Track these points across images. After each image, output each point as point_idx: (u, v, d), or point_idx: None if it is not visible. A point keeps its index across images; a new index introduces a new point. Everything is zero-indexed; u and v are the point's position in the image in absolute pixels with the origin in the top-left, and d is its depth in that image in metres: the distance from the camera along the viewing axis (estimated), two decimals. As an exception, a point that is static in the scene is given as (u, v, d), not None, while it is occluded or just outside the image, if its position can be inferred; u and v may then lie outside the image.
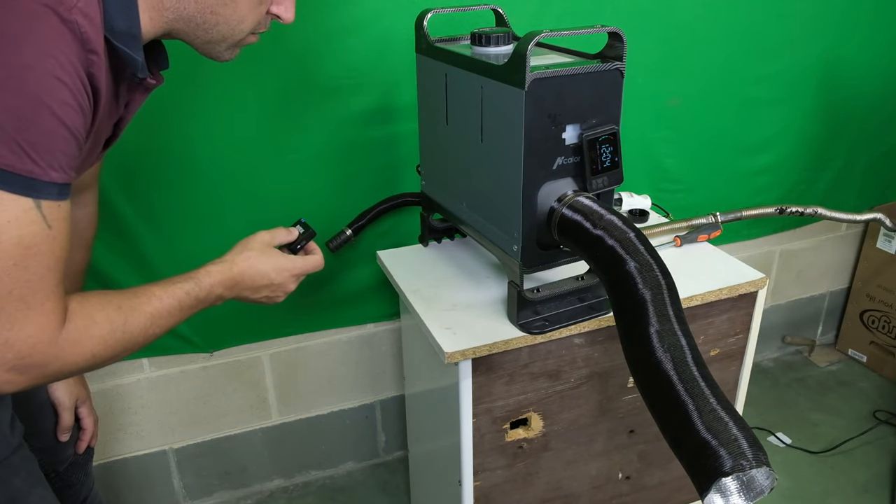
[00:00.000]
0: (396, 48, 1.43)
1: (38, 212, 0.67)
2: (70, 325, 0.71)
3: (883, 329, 2.23)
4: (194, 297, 0.86)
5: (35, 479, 0.96)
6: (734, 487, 0.68)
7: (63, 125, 0.67)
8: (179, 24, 0.82)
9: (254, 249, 0.95)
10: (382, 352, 1.80)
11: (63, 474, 1.17)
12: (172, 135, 1.36)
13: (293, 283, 1.00)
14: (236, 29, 0.85)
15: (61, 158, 0.68)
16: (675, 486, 1.38)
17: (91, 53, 0.69)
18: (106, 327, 0.75)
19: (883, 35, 1.91)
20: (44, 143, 0.66)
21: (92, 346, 0.73)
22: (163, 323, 0.82)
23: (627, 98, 1.01)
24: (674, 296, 0.83)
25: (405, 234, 1.59)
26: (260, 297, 0.98)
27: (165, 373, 1.61)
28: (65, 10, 0.66)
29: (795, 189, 2.02)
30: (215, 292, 0.90)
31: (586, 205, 0.96)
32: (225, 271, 0.91)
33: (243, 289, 0.94)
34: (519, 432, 1.16)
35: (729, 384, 1.32)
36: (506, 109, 0.97)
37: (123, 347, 0.77)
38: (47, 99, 0.65)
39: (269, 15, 0.88)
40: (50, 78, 0.65)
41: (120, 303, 0.77)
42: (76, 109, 0.68)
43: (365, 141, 1.51)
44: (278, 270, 0.96)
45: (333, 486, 1.84)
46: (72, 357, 0.72)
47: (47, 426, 1.12)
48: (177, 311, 0.84)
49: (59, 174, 0.68)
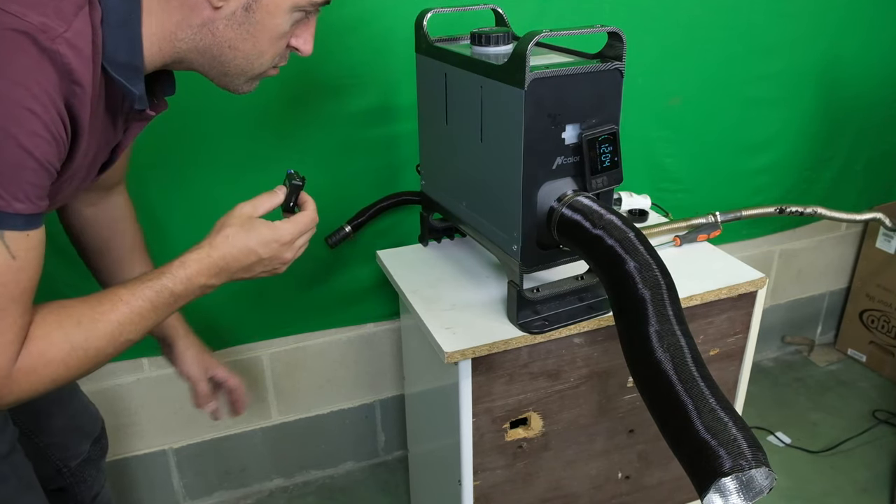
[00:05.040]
0: (396, 48, 1.43)
1: (1, 242, 0.65)
2: (24, 352, 0.68)
3: (882, 329, 2.23)
4: (169, 293, 0.80)
5: (25, 486, 0.95)
6: (733, 487, 0.68)
7: (30, 156, 0.65)
8: (194, 55, 0.80)
9: (232, 226, 0.85)
10: (382, 352, 1.80)
11: (75, 470, 1.17)
12: (171, 135, 1.36)
13: (288, 251, 0.89)
14: (255, 63, 0.83)
15: (28, 189, 0.66)
16: (675, 486, 1.38)
17: (74, 84, 0.67)
18: (65, 348, 0.71)
19: (883, 35, 1.91)
20: (8, 174, 0.64)
21: (51, 371, 0.71)
22: (134, 328, 0.77)
23: (627, 98, 1.01)
24: (673, 296, 0.83)
25: (405, 233, 1.59)
26: (256, 274, 0.89)
27: (165, 373, 1.61)
28: (46, 39, 0.64)
29: (795, 189, 2.02)
30: (197, 282, 0.82)
31: (586, 204, 0.96)
32: (203, 258, 0.83)
33: (234, 271, 0.86)
34: (519, 432, 1.16)
35: (728, 384, 1.32)
36: (505, 109, 0.97)
37: (91, 363, 0.74)
38: (14, 129, 0.63)
39: (289, 48, 0.86)
40: (18, 108, 0.63)
41: (80, 317, 0.73)
42: (48, 140, 0.66)
43: (365, 141, 1.51)
44: (263, 244, 0.86)
45: (333, 486, 1.84)
46: (28, 386, 0.69)
47: (57, 422, 1.12)
48: (150, 311, 0.78)
49: (24, 205, 0.66)
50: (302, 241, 0.91)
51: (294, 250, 0.91)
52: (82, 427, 1.18)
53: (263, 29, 0.80)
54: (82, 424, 1.18)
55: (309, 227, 0.91)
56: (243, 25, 0.79)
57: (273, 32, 0.81)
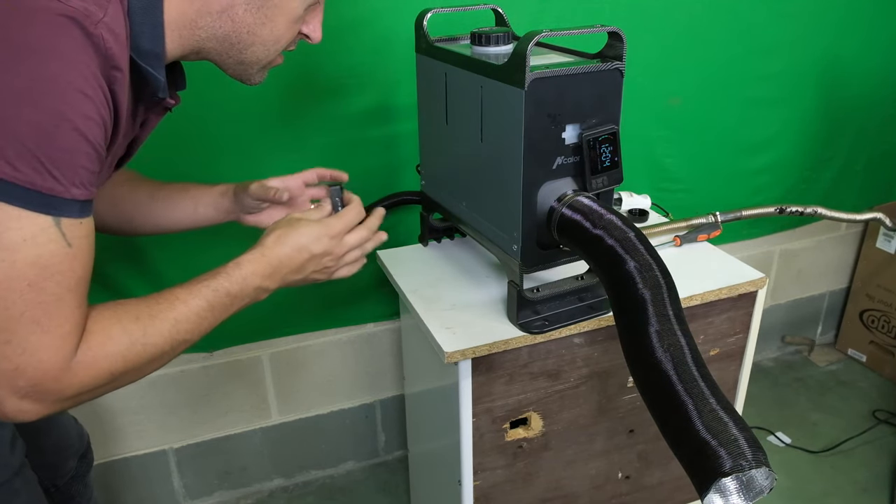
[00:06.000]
0: (396, 48, 1.43)
1: (58, 230, 0.64)
2: (83, 345, 0.67)
3: (882, 329, 2.23)
4: (224, 293, 0.80)
5: (35, 500, 0.95)
6: (733, 487, 0.68)
7: (86, 140, 0.65)
8: (212, 43, 0.80)
9: (281, 227, 0.88)
10: (382, 351, 1.80)
11: (63, 488, 1.17)
12: (172, 135, 1.35)
13: (339, 246, 0.90)
14: (271, 49, 0.84)
15: (83, 174, 0.65)
16: (675, 486, 1.38)
17: (115, 70, 0.68)
18: (123, 341, 0.70)
19: (883, 35, 1.91)
20: (66, 160, 0.63)
21: (109, 364, 0.69)
22: (191, 328, 0.77)
23: (627, 98, 1.01)
24: (673, 296, 0.83)
25: (405, 233, 1.59)
26: (309, 275, 0.90)
27: (165, 372, 1.61)
28: (90, 24, 0.64)
29: (795, 189, 2.02)
30: (252, 284, 0.83)
31: (586, 204, 0.96)
32: (257, 258, 0.84)
33: (286, 273, 0.87)
34: (519, 432, 1.16)
35: (729, 384, 1.32)
36: (506, 109, 0.97)
37: (147, 360, 0.73)
38: (70, 113, 0.63)
39: (300, 35, 0.88)
40: (73, 91, 0.63)
41: (138, 312, 0.72)
42: (98, 124, 0.66)
43: (365, 141, 1.51)
44: (314, 238, 0.88)
45: (333, 486, 1.84)
46: (88, 380, 0.68)
47: (48, 441, 1.12)
48: (207, 311, 0.78)
49: (80, 191, 0.65)
50: (354, 240, 0.93)
51: (346, 247, 0.92)
52: (70, 445, 1.18)
53: (281, 13, 0.82)
54: (70, 443, 1.18)
55: (355, 220, 0.93)
56: (261, 10, 0.80)
57: (290, 16, 0.83)
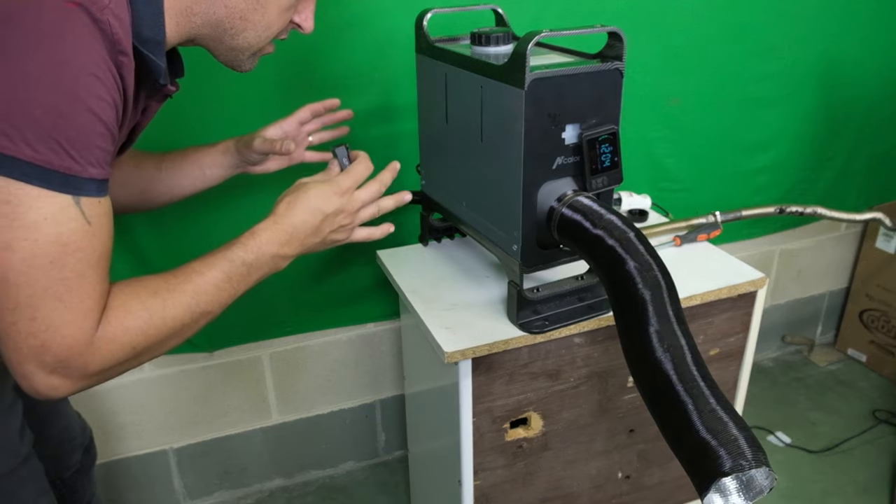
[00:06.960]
0: (396, 48, 1.43)
1: (77, 208, 0.66)
2: (104, 320, 0.69)
3: (882, 329, 2.23)
4: (241, 261, 0.81)
5: (41, 490, 0.95)
6: (733, 487, 0.68)
7: (100, 120, 0.66)
8: (206, 29, 0.81)
9: (290, 193, 0.88)
10: (382, 351, 1.80)
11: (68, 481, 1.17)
12: (171, 133, 1.36)
13: (351, 202, 0.90)
14: (262, 35, 0.85)
15: (99, 154, 0.67)
16: (675, 486, 1.38)
17: (121, 54, 0.69)
18: (143, 315, 0.72)
19: (883, 35, 1.91)
20: (82, 140, 0.65)
21: (130, 339, 0.71)
22: (210, 299, 0.78)
23: (627, 98, 1.01)
24: (673, 295, 0.83)
25: (405, 233, 1.59)
26: (328, 237, 0.90)
27: (165, 373, 1.61)
28: (97, 10, 0.66)
29: (795, 189, 2.02)
30: (268, 252, 0.83)
31: (586, 204, 0.96)
32: (270, 226, 0.85)
33: (304, 237, 0.87)
34: (519, 432, 1.16)
35: (728, 384, 1.32)
36: (505, 109, 0.97)
37: (168, 334, 0.74)
38: (83, 95, 0.65)
39: (291, 24, 0.89)
40: (85, 74, 0.65)
41: (156, 287, 0.74)
42: (111, 105, 0.68)
43: (365, 141, 1.51)
44: (324, 198, 0.88)
45: (333, 486, 1.84)
46: (110, 355, 0.70)
47: (54, 432, 1.12)
48: (225, 282, 0.79)
49: (97, 170, 0.67)
50: (366, 195, 0.92)
51: (357, 202, 0.91)
52: (74, 437, 1.18)
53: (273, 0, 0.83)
54: (74, 435, 1.18)
55: (364, 174, 0.93)
56: None
57: (282, 4, 0.84)
